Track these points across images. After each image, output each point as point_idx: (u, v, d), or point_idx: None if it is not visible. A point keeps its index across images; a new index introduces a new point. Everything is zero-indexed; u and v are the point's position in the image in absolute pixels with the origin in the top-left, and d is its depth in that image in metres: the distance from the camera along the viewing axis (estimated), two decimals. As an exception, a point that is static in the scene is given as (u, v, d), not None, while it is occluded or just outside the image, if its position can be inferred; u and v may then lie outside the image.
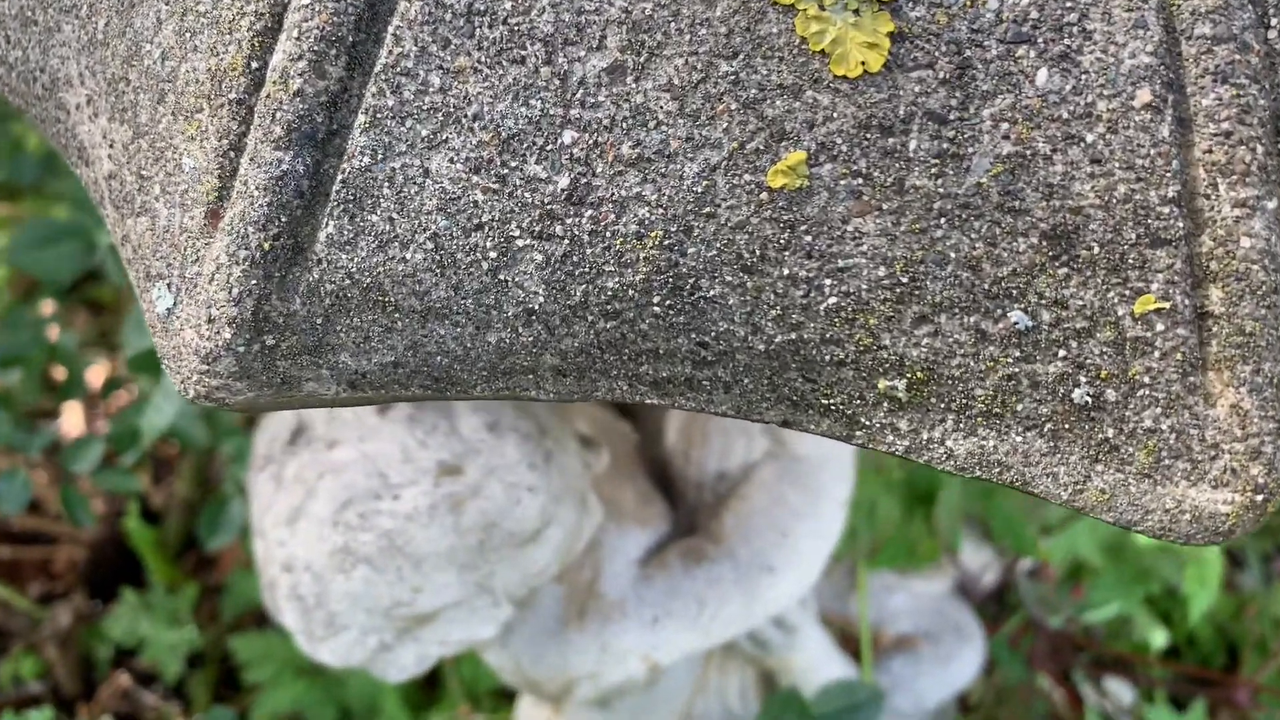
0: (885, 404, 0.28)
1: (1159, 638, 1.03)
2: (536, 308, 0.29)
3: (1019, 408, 0.28)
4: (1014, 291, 0.28)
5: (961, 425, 0.28)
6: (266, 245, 0.29)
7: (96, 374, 1.14)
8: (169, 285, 0.30)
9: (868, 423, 0.29)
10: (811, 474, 0.64)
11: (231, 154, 0.29)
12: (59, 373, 0.92)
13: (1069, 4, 0.28)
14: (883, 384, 0.28)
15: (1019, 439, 0.28)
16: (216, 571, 1.17)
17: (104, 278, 0.80)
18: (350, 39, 0.28)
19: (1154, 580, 0.95)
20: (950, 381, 0.28)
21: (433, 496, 0.47)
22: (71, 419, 1.21)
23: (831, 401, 0.29)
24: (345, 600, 0.47)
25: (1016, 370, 0.28)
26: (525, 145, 0.29)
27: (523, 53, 0.28)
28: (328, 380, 0.29)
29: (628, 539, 0.64)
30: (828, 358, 0.28)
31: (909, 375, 0.28)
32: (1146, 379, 0.28)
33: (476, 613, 0.50)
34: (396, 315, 0.29)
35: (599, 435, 0.62)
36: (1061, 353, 0.28)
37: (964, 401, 0.28)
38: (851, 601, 0.92)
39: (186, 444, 0.78)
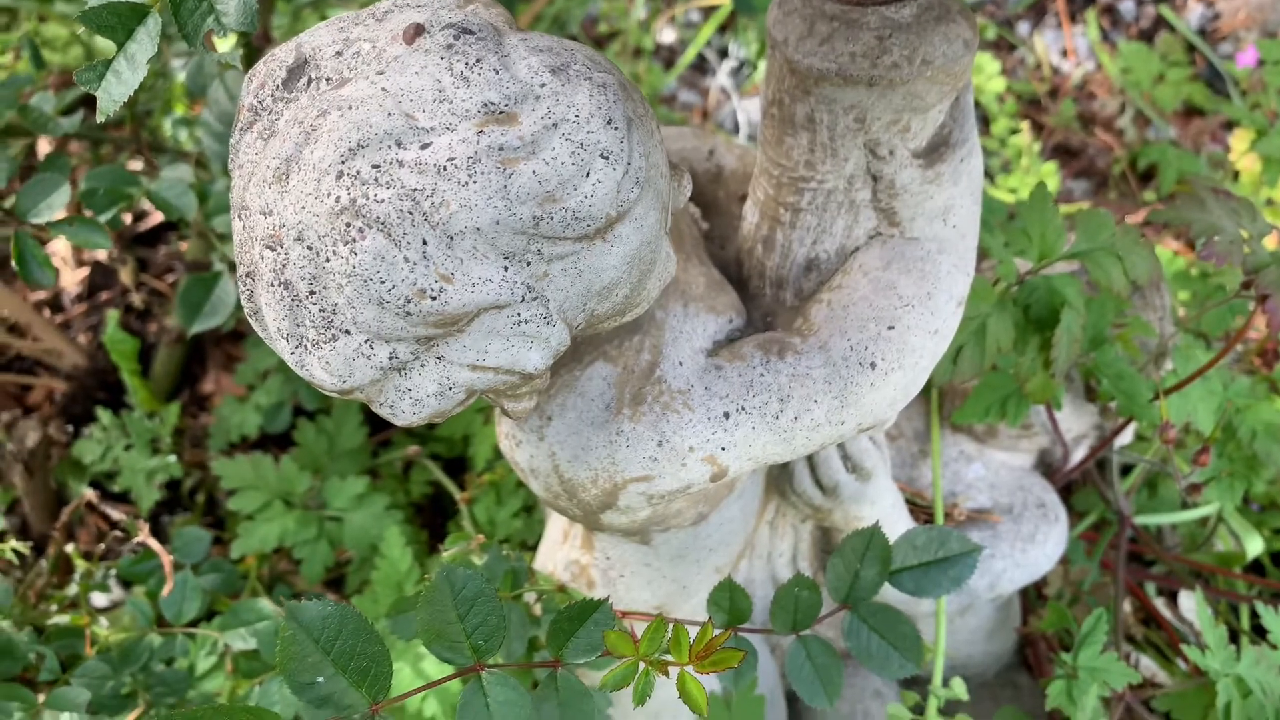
0: None
1: (1255, 545, 0.92)
2: None
3: None
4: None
5: None
6: None
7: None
8: None
9: None
10: (928, 259, 0.52)
11: None
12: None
13: None
14: None
15: None
16: (209, 412, 1.07)
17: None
18: None
19: (1262, 473, 0.83)
20: None
21: (474, 147, 0.35)
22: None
23: None
24: (349, 285, 0.35)
25: None
26: None
27: None
28: None
29: (695, 323, 0.52)
30: None
31: None
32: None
33: (522, 327, 0.38)
34: None
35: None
36: None
37: None
38: (921, 468, 0.80)
39: (169, 212, 0.66)
